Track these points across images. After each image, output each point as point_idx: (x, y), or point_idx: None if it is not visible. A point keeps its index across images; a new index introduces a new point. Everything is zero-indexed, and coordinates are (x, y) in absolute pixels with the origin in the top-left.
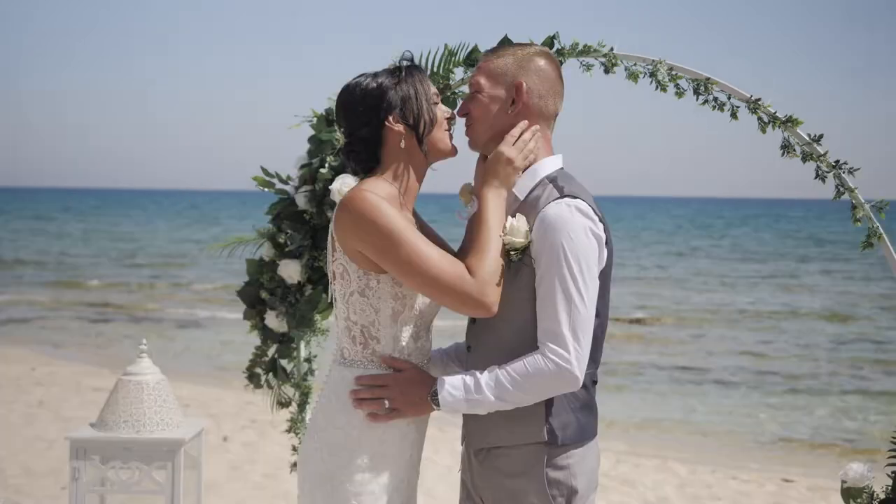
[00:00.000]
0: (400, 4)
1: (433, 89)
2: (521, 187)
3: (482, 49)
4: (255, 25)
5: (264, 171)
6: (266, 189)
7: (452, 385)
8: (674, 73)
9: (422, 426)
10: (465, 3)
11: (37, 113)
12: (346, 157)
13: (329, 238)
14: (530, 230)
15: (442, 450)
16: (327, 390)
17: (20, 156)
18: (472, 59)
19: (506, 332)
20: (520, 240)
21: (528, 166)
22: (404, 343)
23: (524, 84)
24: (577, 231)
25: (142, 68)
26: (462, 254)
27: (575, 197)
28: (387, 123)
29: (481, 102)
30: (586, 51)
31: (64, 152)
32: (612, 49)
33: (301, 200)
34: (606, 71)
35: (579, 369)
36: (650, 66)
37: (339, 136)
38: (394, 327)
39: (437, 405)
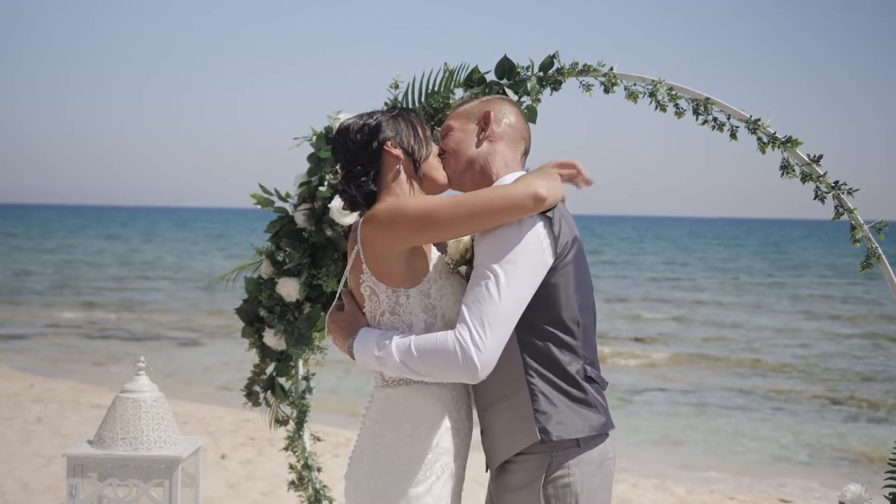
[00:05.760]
0: (401, 23)
1: (426, 130)
2: None
3: (482, 70)
4: (256, 36)
5: (263, 188)
6: (264, 207)
7: (364, 342)
8: (673, 92)
9: (465, 439)
10: (468, 23)
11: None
12: (344, 186)
13: (350, 262)
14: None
15: None
16: (372, 412)
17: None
18: (472, 80)
19: None
20: (459, 250)
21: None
22: None
23: (491, 112)
24: (509, 226)
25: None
26: None
27: None
28: (385, 148)
29: (454, 137)
30: (586, 70)
31: (61, 167)
32: (611, 69)
33: (300, 218)
34: (606, 90)
35: (479, 359)
36: (650, 86)
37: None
38: None
39: (353, 357)
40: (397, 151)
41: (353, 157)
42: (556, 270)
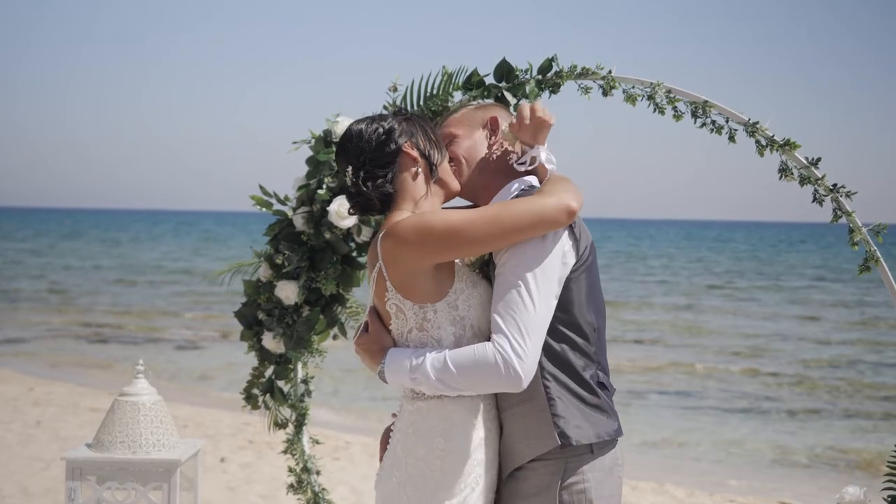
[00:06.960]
0: (401, 25)
1: (438, 134)
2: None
3: (481, 72)
4: (256, 38)
5: (263, 190)
6: (263, 209)
7: (395, 363)
8: (672, 95)
9: (497, 448)
10: (467, 26)
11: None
12: (359, 189)
13: (373, 280)
14: None
15: None
16: (402, 425)
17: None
18: (471, 83)
19: None
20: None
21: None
22: None
23: (497, 117)
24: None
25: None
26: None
27: None
28: (404, 149)
29: (463, 144)
30: (585, 73)
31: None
32: (610, 71)
33: (299, 221)
34: (605, 93)
35: (522, 368)
36: (648, 89)
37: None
38: None
39: (385, 381)
40: (415, 153)
41: (370, 158)
42: (575, 273)
